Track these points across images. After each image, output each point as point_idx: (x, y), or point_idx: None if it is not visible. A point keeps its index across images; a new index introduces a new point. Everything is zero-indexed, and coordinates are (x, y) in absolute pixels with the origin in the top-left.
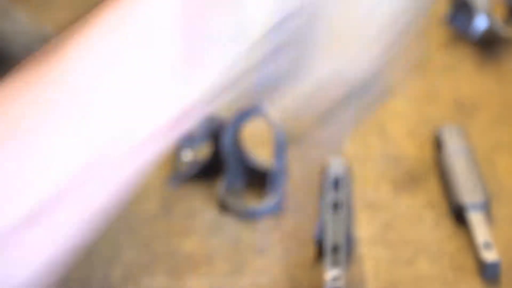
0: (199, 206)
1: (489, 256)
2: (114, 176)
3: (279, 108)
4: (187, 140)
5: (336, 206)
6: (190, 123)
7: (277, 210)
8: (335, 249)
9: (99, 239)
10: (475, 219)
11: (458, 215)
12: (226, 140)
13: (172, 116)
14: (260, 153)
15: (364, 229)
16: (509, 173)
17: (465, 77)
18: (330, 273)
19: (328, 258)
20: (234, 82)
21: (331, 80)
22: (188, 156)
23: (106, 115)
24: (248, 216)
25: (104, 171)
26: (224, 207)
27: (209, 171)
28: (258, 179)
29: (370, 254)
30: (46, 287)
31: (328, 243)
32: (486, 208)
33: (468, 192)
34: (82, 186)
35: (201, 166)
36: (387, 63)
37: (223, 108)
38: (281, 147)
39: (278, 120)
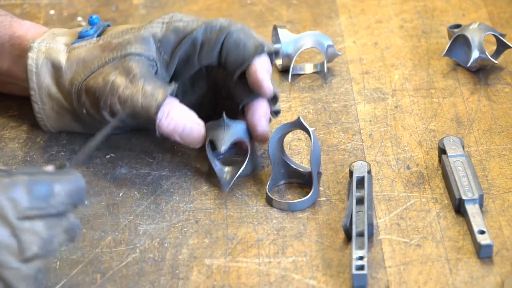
0: (250, 200)
1: (483, 240)
2: None
3: None
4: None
5: (360, 200)
6: None
7: (313, 204)
8: (360, 235)
9: (169, 227)
10: (472, 210)
11: (458, 208)
12: (272, 148)
13: None
14: (299, 158)
15: (383, 219)
16: (498, 174)
17: (462, 97)
18: (356, 254)
19: (354, 242)
20: None
21: None
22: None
23: None
24: (289, 209)
25: None
26: (270, 201)
27: None
28: (297, 179)
29: (387, 239)
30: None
31: (354, 230)
32: (480, 202)
33: (466, 189)
34: None
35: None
36: None
37: None
38: (316, 153)
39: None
